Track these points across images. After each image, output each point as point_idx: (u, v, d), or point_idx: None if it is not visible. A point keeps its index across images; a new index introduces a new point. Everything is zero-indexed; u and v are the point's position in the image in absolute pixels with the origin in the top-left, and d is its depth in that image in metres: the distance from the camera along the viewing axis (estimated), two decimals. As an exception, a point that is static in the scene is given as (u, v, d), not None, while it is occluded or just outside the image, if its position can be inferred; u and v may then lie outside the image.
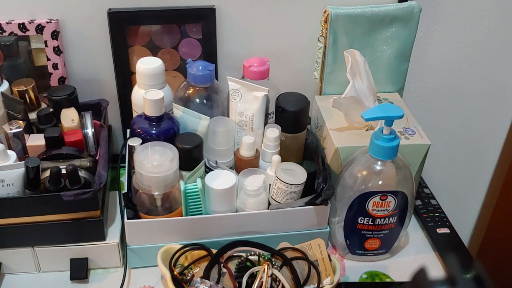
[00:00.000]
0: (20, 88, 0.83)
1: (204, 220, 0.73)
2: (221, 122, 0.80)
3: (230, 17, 0.88)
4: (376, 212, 0.74)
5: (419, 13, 0.84)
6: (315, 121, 0.88)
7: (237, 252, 0.72)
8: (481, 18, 1.00)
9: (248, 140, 0.77)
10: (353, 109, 0.78)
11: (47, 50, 0.86)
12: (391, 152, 0.69)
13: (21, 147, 0.78)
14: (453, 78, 1.07)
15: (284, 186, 0.73)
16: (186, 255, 0.72)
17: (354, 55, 0.79)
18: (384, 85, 0.89)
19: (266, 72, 0.82)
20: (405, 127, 0.80)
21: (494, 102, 1.12)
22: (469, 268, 0.33)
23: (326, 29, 0.84)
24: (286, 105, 0.78)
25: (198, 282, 0.65)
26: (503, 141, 1.19)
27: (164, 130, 0.76)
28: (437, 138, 1.14)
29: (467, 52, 1.04)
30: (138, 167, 0.70)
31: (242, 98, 0.80)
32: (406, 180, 0.73)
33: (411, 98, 1.06)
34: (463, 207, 1.29)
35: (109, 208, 0.80)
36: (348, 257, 0.80)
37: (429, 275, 0.31)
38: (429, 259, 0.81)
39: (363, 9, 0.83)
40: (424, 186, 0.96)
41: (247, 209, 0.75)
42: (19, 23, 0.83)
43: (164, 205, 0.73)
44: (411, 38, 0.86)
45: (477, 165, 1.22)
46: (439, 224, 0.86)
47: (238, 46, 0.91)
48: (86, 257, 0.75)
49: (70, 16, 0.85)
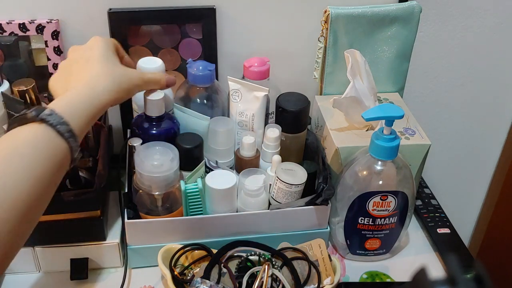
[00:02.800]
0: (21, 88, 0.83)
1: (204, 220, 0.73)
2: (221, 122, 0.80)
3: (230, 17, 0.88)
4: (377, 212, 0.74)
5: (419, 13, 0.84)
6: (315, 121, 0.88)
7: (237, 252, 0.72)
8: (481, 18, 1.00)
9: (248, 140, 0.77)
10: (354, 109, 0.78)
11: (47, 50, 0.86)
12: (391, 152, 0.69)
13: (21, 147, 0.78)
14: (453, 78, 1.07)
15: (285, 186, 0.73)
16: (186, 255, 0.72)
17: (354, 55, 0.79)
18: (384, 85, 0.89)
19: (266, 72, 0.82)
20: (405, 127, 0.80)
21: (494, 102, 1.12)
22: (469, 268, 0.33)
23: (327, 29, 0.84)
24: (286, 105, 0.78)
25: (199, 282, 0.65)
26: (503, 141, 1.19)
27: (164, 130, 0.76)
28: (437, 138, 1.14)
29: (467, 52, 1.04)
30: (138, 167, 0.70)
31: (242, 98, 0.80)
32: (406, 180, 0.73)
33: (411, 98, 1.06)
34: (463, 207, 1.29)
35: (109, 208, 0.80)
36: (349, 257, 0.80)
37: (429, 275, 0.31)
38: (429, 259, 0.81)
39: (364, 9, 0.83)
40: (424, 186, 0.96)
41: (247, 209, 0.75)
42: (19, 23, 0.83)
43: (165, 205, 0.74)
44: (412, 38, 0.86)
45: (477, 165, 1.22)
46: (439, 224, 0.86)
47: (238, 46, 0.91)
48: (86, 257, 0.75)
49: (70, 16, 0.85)
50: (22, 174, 0.49)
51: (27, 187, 0.49)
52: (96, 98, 0.60)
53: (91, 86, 0.60)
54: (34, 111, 0.52)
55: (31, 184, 0.49)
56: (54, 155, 0.52)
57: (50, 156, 0.51)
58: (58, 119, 0.53)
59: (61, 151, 0.53)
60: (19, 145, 0.50)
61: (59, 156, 0.53)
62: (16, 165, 0.49)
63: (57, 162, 0.52)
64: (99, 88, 0.61)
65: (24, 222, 0.49)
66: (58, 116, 0.53)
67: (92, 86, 0.60)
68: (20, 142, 0.51)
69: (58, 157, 0.53)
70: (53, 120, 0.52)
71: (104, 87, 0.61)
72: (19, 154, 0.49)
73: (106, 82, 0.62)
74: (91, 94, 0.59)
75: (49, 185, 0.52)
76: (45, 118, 0.52)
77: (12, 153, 0.49)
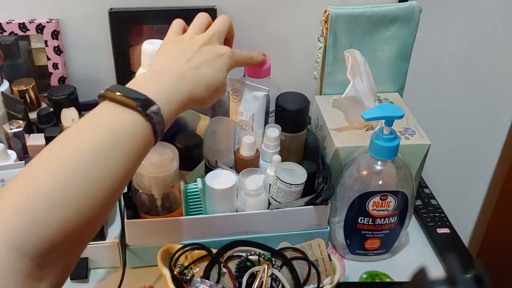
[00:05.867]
0: (21, 87, 0.83)
1: (204, 220, 0.73)
2: (221, 122, 0.80)
3: (230, 17, 0.88)
4: (376, 212, 0.74)
5: (419, 13, 0.84)
6: (315, 121, 0.88)
7: (237, 252, 0.72)
8: (481, 18, 1.00)
9: (248, 140, 0.77)
10: (353, 109, 0.78)
11: (47, 50, 0.86)
12: (391, 152, 0.69)
13: (21, 147, 0.78)
14: (453, 78, 1.07)
15: (284, 186, 0.73)
16: (186, 255, 0.72)
17: (354, 55, 0.79)
18: (384, 85, 0.89)
19: (267, 70, 0.82)
20: (405, 127, 0.80)
21: (494, 102, 1.12)
22: (469, 268, 0.33)
23: (326, 29, 0.84)
24: (286, 105, 0.78)
25: (198, 282, 0.65)
26: (503, 141, 1.19)
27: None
28: (437, 138, 1.14)
29: (467, 52, 1.04)
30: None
31: (242, 98, 0.80)
32: (406, 180, 0.73)
33: (411, 98, 1.06)
34: (463, 207, 1.29)
35: (109, 208, 0.80)
36: (348, 257, 0.80)
37: (429, 275, 0.31)
38: (429, 259, 0.81)
39: (364, 9, 0.83)
40: (424, 186, 0.96)
41: (247, 209, 0.75)
42: (19, 22, 0.83)
43: (164, 205, 0.74)
44: (411, 38, 0.86)
45: (477, 165, 1.22)
46: (439, 224, 0.86)
47: (238, 46, 0.90)
48: (86, 257, 0.75)
49: (70, 16, 0.85)
50: (119, 165, 0.48)
51: (120, 177, 0.48)
52: (192, 100, 0.59)
53: (194, 87, 0.59)
54: (141, 104, 0.50)
55: (122, 174, 0.49)
56: (145, 148, 0.52)
57: (142, 149, 0.51)
58: (160, 119, 0.52)
59: (149, 145, 0.53)
60: (122, 135, 0.49)
61: (148, 149, 0.53)
62: (117, 157, 0.48)
63: (143, 153, 0.52)
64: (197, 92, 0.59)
65: (107, 208, 0.49)
66: (161, 116, 0.52)
67: (194, 88, 0.59)
68: (124, 132, 0.49)
69: (147, 150, 0.53)
70: (157, 119, 0.51)
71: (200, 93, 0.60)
72: (121, 146, 0.49)
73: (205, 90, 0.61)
74: (190, 96, 0.58)
75: (132, 174, 0.52)
76: (151, 116, 0.51)
77: (115, 144, 0.48)
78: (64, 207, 0.43)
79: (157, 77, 0.57)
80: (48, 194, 0.43)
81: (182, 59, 0.61)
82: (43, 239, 0.42)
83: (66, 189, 0.44)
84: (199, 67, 0.61)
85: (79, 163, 0.46)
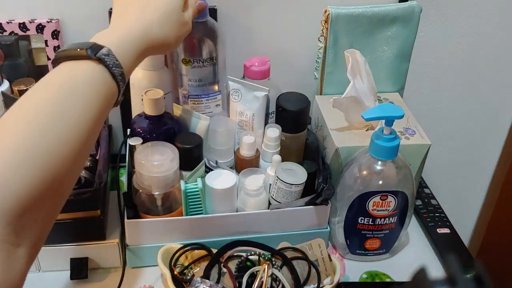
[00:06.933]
0: (21, 87, 0.83)
1: (204, 220, 0.73)
2: (221, 122, 0.80)
3: (231, 17, 0.88)
4: (376, 212, 0.74)
5: (419, 13, 0.84)
6: (315, 121, 0.88)
7: (237, 252, 0.72)
8: (481, 18, 1.00)
9: (248, 140, 0.77)
10: (354, 109, 0.78)
11: (47, 50, 0.86)
12: (391, 152, 0.69)
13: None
14: (453, 78, 1.07)
15: (285, 186, 0.73)
16: (186, 255, 0.72)
17: (354, 55, 0.79)
18: (384, 85, 0.89)
19: (267, 72, 0.82)
20: (405, 127, 0.80)
21: (494, 102, 1.12)
22: (469, 268, 0.33)
23: (327, 29, 0.84)
24: (286, 105, 0.78)
25: (198, 282, 0.65)
26: (503, 141, 1.19)
27: (164, 129, 0.76)
28: (437, 138, 1.14)
29: (467, 52, 1.04)
30: (138, 167, 0.70)
31: (242, 98, 0.80)
32: (406, 180, 0.73)
33: (411, 98, 1.06)
34: (463, 207, 1.29)
35: (109, 208, 0.80)
36: (348, 257, 0.80)
37: (429, 275, 0.31)
38: (429, 259, 0.81)
39: (364, 9, 0.83)
40: (424, 186, 0.96)
41: (247, 209, 0.75)
42: (19, 22, 0.83)
43: (164, 205, 0.74)
44: (412, 38, 0.86)
45: (477, 165, 1.22)
46: (439, 224, 0.86)
47: (238, 46, 0.91)
48: (86, 257, 0.75)
49: (70, 15, 0.85)
50: (81, 114, 0.47)
51: (86, 127, 0.47)
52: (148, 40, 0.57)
53: (147, 27, 0.57)
54: (90, 49, 0.50)
55: (88, 125, 0.47)
56: (107, 97, 0.50)
57: (104, 97, 0.50)
58: (114, 61, 0.51)
59: (112, 94, 0.51)
60: (78, 84, 0.48)
61: (110, 97, 0.51)
62: (77, 105, 0.47)
63: (108, 103, 0.51)
64: (153, 31, 0.58)
65: (79, 162, 0.48)
66: (114, 57, 0.51)
67: (147, 28, 0.57)
68: (79, 81, 0.48)
69: (109, 99, 0.51)
70: (110, 61, 0.50)
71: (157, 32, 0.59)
72: (79, 95, 0.48)
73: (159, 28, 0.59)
74: (144, 35, 0.57)
75: (99, 126, 0.50)
76: (103, 58, 0.50)
77: (73, 93, 0.47)
78: (31, 162, 0.42)
79: (106, 30, 0.56)
80: (13, 150, 0.42)
81: (132, 4, 0.60)
82: (17, 200, 0.41)
83: (30, 143, 0.43)
84: (149, 3, 0.60)
85: (39, 115, 0.45)
